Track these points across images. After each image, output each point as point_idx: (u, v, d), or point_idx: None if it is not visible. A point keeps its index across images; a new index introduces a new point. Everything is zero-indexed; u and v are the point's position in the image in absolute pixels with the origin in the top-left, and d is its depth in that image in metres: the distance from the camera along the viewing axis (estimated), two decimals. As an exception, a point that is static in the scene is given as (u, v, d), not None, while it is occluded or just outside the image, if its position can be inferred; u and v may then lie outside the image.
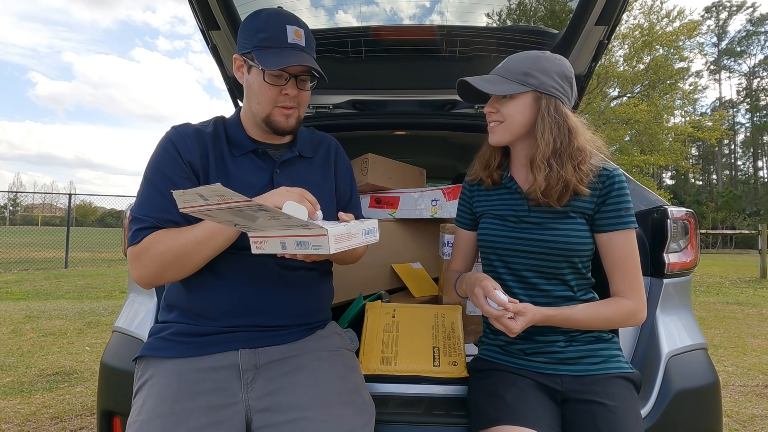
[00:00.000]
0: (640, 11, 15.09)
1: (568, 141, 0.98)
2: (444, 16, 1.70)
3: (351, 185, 1.19)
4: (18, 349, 3.33)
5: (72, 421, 2.15)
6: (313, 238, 0.74)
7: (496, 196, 1.10)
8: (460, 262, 1.20)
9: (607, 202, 0.98)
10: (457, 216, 1.21)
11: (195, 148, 0.98)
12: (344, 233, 0.77)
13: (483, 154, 1.14)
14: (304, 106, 1.05)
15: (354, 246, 0.80)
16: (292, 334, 1.00)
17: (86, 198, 31.45)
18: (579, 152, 0.98)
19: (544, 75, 0.98)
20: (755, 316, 5.09)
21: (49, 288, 6.50)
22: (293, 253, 0.78)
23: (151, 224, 0.89)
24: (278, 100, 0.99)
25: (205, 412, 0.83)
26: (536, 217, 1.02)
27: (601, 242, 0.99)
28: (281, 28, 0.95)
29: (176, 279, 0.93)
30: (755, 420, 2.28)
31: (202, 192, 0.67)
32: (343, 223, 0.80)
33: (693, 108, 25.16)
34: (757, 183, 46.64)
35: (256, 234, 0.80)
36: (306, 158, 1.10)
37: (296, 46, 0.96)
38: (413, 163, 2.09)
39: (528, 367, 1.02)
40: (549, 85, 0.98)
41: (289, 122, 1.02)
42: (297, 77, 0.99)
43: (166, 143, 0.97)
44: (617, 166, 1.01)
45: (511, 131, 1.01)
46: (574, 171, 0.97)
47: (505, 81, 0.99)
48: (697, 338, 1.17)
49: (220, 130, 1.04)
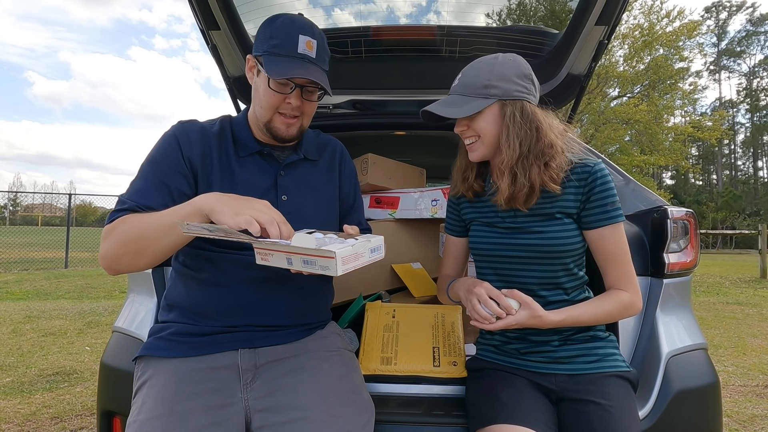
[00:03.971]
0: (640, 11, 15.12)
1: (536, 140, 0.97)
2: (444, 16, 1.70)
3: (355, 190, 1.19)
4: (18, 349, 3.33)
5: (72, 421, 2.15)
6: (321, 259, 0.74)
7: (481, 203, 1.10)
8: (451, 268, 1.20)
9: (592, 198, 0.97)
10: (446, 223, 1.21)
11: (198, 146, 0.97)
12: (351, 254, 0.76)
13: (459, 167, 1.12)
14: (309, 116, 1.04)
15: (361, 265, 0.80)
16: (292, 334, 1.00)
17: (86, 198, 31.39)
18: (549, 149, 0.97)
19: (504, 81, 0.96)
20: (755, 316, 5.09)
21: (49, 288, 6.50)
22: (299, 269, 0.78)
23: (130, 207, 0.88)
24: (281, 107, 0.98)
25: (204, 412, 0.83)
26: (522, 221, 1.01)
27: (591, 239, 0.99)
28: (293, 38, 0.94)
29: (135, 265, 0.86)
30: (755, 420, 2.28)
31: (208, 227, 0.68)
32: (349, 242, 0.79)
33: (693, 108, 25.19)
34: (757, 183, 46.64)
35: (261, 246, 0.79)
36: (311, 161, 1.10)
37: (305, 57, 0.95)
38: (413, 163, 2.09)
39: (523, 367, 1.02)
40: (512, 90, 0.97)
41: (289, 131, 1.01)
42: (303, 88, 0.98)
43: (170, 137, 0.97)
44: (598, 160, 1.00)
45: (489, 144, 1.00)
46: (541, 171, 0.96)
47: (467, 99, 0.98)
48: (697, 338, 1.17)
49: (226, 129, 1.03)
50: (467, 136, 1.03)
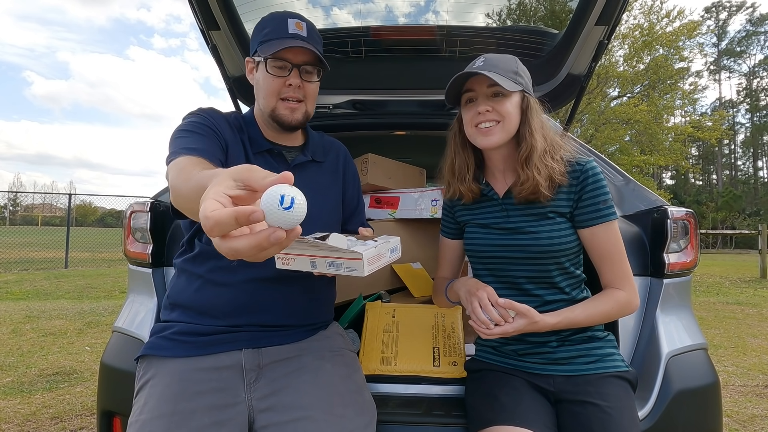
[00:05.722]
0: (640, 11, 15.12)
1: (548, 136, 1.01)
2: (444, 16, 1.70)
3: (358, 192, 1.20)
4: (18, 349, 3.33)
5: (72, 421, 2.15)
6: (347, 260, 0.74)
7: (476, 205, 1.10)
8: (447, 270, 1.21)
9: (584, 197, 0.97)
10: (441, 226, 1.21)
11: (225, 128, 0.98)
12: (375, 255, 0.77)
13: (451, 166, 1.10)
14: (312, 99, 1.04)
15: (383, 265, 0.81)
16: (295, 334, 1.00)
17: (86, 198, 31.42)
18: (557, 146, 1.01)
19: (526, 76, 1.02)
20: (755, 316, 5.09)
21: (49, 288, 6.50)
22: (323, 272, 0.78)
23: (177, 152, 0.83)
24: (282, 91, 0.99)
25: (207, 412, 0.83)
26: (515, 222, 1.02)
27: (585, 237, 0.99)
28: (282, 22, 0.98)
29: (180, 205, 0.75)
30: (755, 420, 2.28)
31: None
32: (370, 243, 0.80)
33: (693, 108, 25.17)
34: (757, 183, 46.65)
35: (285, 250, 0.78)
36: (317, 162, 1.11)
37: (297, 35, 0.97)
38: (413, 163, 2.09)
39: (521, 368, 1.02)
40: (529, 86, 1.02)
41: (294, 116, 1.01)
42: (300, 68, 0.99)
43: (198, 115, 0.97)
44: (591, 157, 1.03)
45: (509, 131, 0.99)
46: (554, 164, 0.99)
47: (502, 78, 0.96)
48: (697, 338, 1.17)
49: (241, 123, 1.05)
50: (489, 118, 0.98)
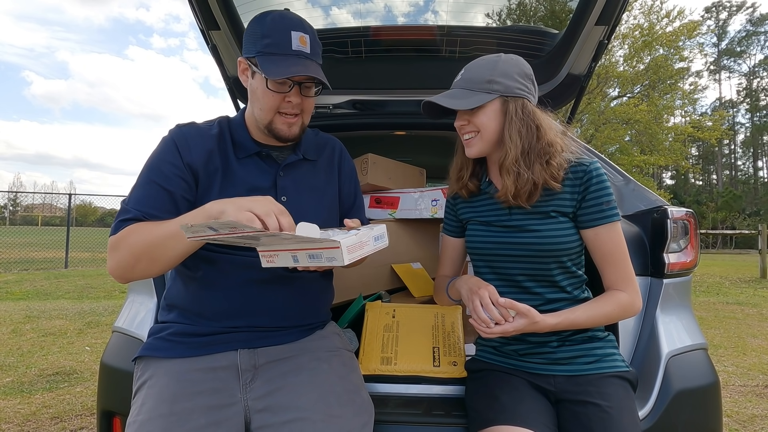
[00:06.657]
0: (640, 11, 15.10)
1: (537, 138, 0.98)
2: (444, 16, 1.70)
3: (355, 188, 1.19)
4: (18, 349, 3.33)
5: (72, 421, 2.15)
6: (326, 250, 0.74)
7: (478, 202, 1.10)
8: (449, 268, 1.21)
9: (587, 197, 0.97)
10: (443, 224, 1.21)
11: (197, 149, 0.97)
12: (356, 243, 0.76)
13: (455, 166, 1.13)
14: (309, 112, 1.04)
15: (366, 254, 0.80)
16: (292, 334, 1.00)
17: (86, 198, 31.46)
18: (549, 147, 0.98)
19: (507, 78, 0.98)
20: (755, 316, 5.09)
21: (49, 288, 6.50)
22: (306, 265, 0.78)
23: (134, 216, 0.88)
24: (281, 106, 0.98)
25: (204, 412, 0.83)
26: (518, 220, 1.02)
27: (588, 238, 0.99)
28: (286, 35, 0.93)
29: (149, 273, 0.87)
30: (755, 420, 2.28)
31: (212, 224, 0.67)
32: (353, 232, 0.79)
33: (693, 108, 25.18)
34: (757, 183, 46.66)
35: (265, 248, 0.79)
36: (310, 161, 1.10)
37: (300, 53, 0.94)
38: (413, 163, 2.09)
39: (522, 368, 1.02)
40: (513, 87, 0.98)
41: (291, 131, 1.01)
42: (301, 84, 0.98)
43: (168, 142, 0.97)
44: (594, 159, 1.01)
45: (488, 140, 1.01)
46: (542, 168, 0.97)
47: (470, 93, 0.99)
48: (697, 338, 1.17)
49: (225, 131, 1.03)
50: (467, 131, 1.03)
